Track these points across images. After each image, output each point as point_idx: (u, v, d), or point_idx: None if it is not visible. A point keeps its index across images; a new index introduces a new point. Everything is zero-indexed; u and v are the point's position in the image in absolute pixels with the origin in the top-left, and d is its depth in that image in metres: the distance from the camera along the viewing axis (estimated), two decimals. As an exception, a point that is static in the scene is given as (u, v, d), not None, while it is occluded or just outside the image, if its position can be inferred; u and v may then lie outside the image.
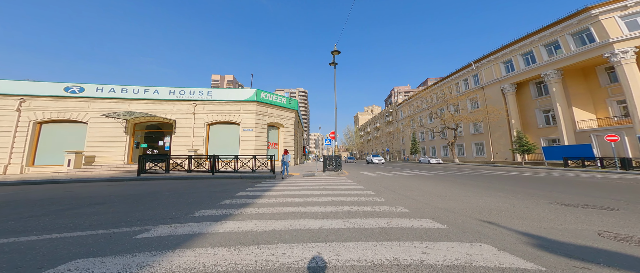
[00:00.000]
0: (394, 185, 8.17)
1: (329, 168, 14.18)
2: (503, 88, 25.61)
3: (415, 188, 7.16)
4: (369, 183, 8.88)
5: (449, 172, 13.36)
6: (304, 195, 6.07)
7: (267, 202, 5.26)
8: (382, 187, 7.74)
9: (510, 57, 25.11)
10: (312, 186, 8.03)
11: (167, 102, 15.56)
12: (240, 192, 6.73)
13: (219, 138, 17.04)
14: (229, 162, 11.51)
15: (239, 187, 8.11)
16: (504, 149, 25.49)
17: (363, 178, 10.52)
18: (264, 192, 6.59)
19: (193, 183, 8.86)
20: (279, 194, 6.30)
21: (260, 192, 6.73)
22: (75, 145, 13.79)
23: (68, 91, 13.92)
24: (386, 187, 7.56)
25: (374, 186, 7.92)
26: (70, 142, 13.96)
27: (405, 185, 8.12)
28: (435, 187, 7.48)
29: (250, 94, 17.84)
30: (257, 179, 10.62)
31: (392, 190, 6.99)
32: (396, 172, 14.01)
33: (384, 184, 8.35)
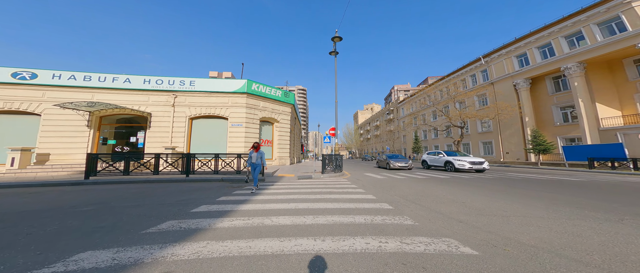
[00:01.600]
0: (411, 193, 6.26)
1: (328, 169, 12.25)
2: (516, 83, 23.78)
3: (445, 199, 5.25)
4: (378, 189, 6.97)
5: (461, 174, 11.49)
6: (293, 212, 4.13)
7: (232, 227, 3.31)
8: (398, 196, 5.82)
9: (524, 50, 23.25)
10: (307, 194, 6.10)
11: (140, 93, 13.50)
12: (204, 205, 4.77)
13: (204, 135, 15.03)
14: (209, 162, 9.53)
15: (211, 194, 6.17)
16: (515, 149, 23.70)
17: (368, 182, 8.62)
18: (238, 206, 4.65)
19: (153, 188, 6.89)
20: (257, 209, 4.35)
21: (234, 204, 4.79)
22: (25, 141, 11.74)
23: (16, 77, 11.81)
24: (404, 197, 5.64)
25: (386, 195, 6.00)
26: (20, 136, 11.88)
27: (426, 193, 6.21)
28: (470, 196, 5.58)
29: (240, 85, 15.83)
30: (240, 183, 8.68)
31: (415, 202, 5.07)
32: (405, 174, 12.12)
33: (398, 192, 6.43)
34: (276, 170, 13.13)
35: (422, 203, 4.93)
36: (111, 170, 8.12)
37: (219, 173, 9.58)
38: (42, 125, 12.12)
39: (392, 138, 58.80)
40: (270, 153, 18.17)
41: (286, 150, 18.86)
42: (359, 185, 8.07)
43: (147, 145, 13.20)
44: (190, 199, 5.40)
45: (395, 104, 59.27)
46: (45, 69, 12.19)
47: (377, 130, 74.14)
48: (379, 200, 5.39)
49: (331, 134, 14.52)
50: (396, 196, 5.90)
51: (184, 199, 5.41)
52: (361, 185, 7.92)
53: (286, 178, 10.23)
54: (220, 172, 9.60)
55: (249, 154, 6.96)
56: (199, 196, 5.86)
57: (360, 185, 8.04)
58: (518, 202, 4.99)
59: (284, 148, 18.70)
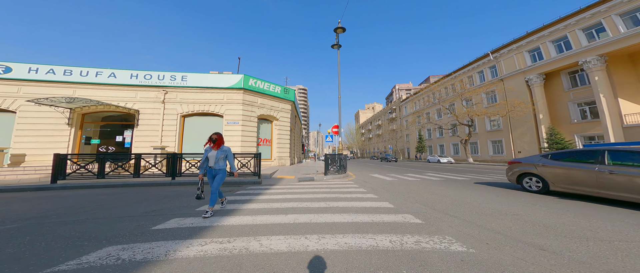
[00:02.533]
0: (435, 199, 5.13)
1: (332, 169, 11.13)
2: (528, 79, 22.56)
3: (486, 210, 4.11)
4: (393, 194, 5.85)
5: (483, 175, 10.33)
6: (291, 230, 3.01)
7: (199, 256, 2.20)
8: (421, 204, 4.70)
9: (537, 44, 22.03)
10: (308, 201, 4.99)
11: (127, 88, 12.46)
12: (176, 218, 3.67)
13: (197, 133, 13.97)
14: (198, 163, 8.44)
15: (194, 200, 5.09)
16: (528, 147, 22.47)
17: (378, 185, 7.50)
18: (220, 219, 3.54)
19: (127, 194, 5.82)
20: (244, 224, 3.26)
21: (215, 216, 3.69)
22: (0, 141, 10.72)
23: (-12, 70, 10.82)
24: (430, 206, 4.52)
25: (406, 202, 4.88)
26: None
27: (455, 200, 5.07)
28: (514, 204, 4.43)
29: (236, 80, 14.77)
30: (234, 186, 7.64)
31: (448, 213, 3.94)
32: (415, 175, 11.00)
33: (418, 198, 5.31)
34: (275, 172, 12.05)
35: (460, 215, 3.81)
36: (83, 173, 7.06)
37: (210, 175, 8.49)
38: (17, 124, 11.10)
39: (395, 137, 57.58)
40: (268, 153, 17.11)
41: (286, 149, 17.79)
42: (368, 188, 6.96)
43: (135, 145, 12.15)
44: (163, 210, 4.31)
45: (398, 103, 58.08)
46: (21, 62, 11.15)
47: (379, 129, 72.94)
48: (400, 210, 4.27)
49: (334, 131, 13.41)
50: (419, 204, 4.78)
51: (154, 209, 4.32)
52: (371, 189, 6.81)
53: (285, 181, 9.15)
54: (211, 174, 8.52)
55: (204, 153, 4.00)
56: (177, 204, 4.78)
57: (370, 188, 6.93)
58: (598, 218, 3.83)
59: (284, 147, 17.63)
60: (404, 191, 6.40)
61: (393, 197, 5.54)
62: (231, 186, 7.68)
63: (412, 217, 3.78)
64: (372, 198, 5.41)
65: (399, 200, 5.23)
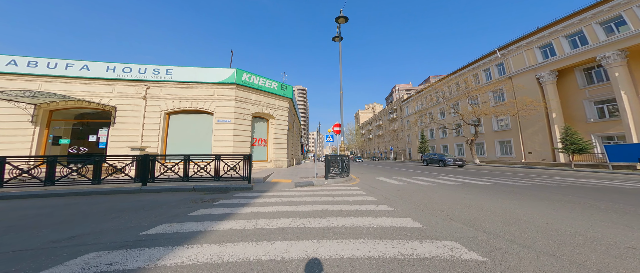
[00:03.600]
0: (473, 214, 3.82)
1: (333, 172, 9.81)
2: (540, 76, 21.37)
3: (561, 233, 2.81)
4: (411, 205, 4.56)
5: (502, 178, 9.00)
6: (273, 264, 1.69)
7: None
8: (457, 221, 3.38)
9: (549, 40, 20.88)
10: (306, 216, 3.70)
11: (102, 83, 11.11)
12: (93, 252, 2.33)
13: (184, 133, 12.64)
14: (174, 166, 7.12)
15: (156, 214, 3.85)
16: (540, 148, 21.24)
17: (389, 192, 6.19)
18: (174, 249, 2.21)
19: (71, 207, 4.48)
20: (205, 263, 1.94)
21: (171, 243, 2.36)
22: (-50, 139, 9.37)
23: (-64, 59, 9.45)
24: (473, 225, 3.20)
25: (434, 218, 3.56)
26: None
27: (501, 215, 3.76)
28: (581, 221, 3.14)
29: (227, 75, 13.46)
30: (219, 192, 6.37)
31: (510, 239, 2.62)
32: (426, 178, 9.68)
33: (447, 211, 4.00)
34: (270, 175, 10.74)
35: (536, 246, 2.49)
36: (26, 179, 5.71)
37: (191, 180, 7.18)
38: (-30, 121, 9.75)
39: (396, 138, 56.40)
40: (264, 154, 15.79)
41: (283, 150, 16.47)
42: (379, 196, 5.66)
43: (111, 146, 10.80)
44: (89, 236, 2.97)
45: (399, 102, 56.96)
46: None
47: (379, 129, 71.79)
48: (435, 232, 2.96)
49: (335, 131, 12.09)
50: (456, 222, 3.48)
51: (78, 235, 2.97)
52: (382, 198, 5.51)
53: (280, 186, 7.85)
54: (193, 178, 7.20)
55: None
56: (120, 224, 3.44)
57: (381, 197, 5.62)
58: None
59: (281, 148, 16.31)
60: (424, 201, 5.10)
61: (415, 210, 4.24)
62: (214, 193, 6.38)
63: (460, 247, 2.47)
64: (388, 212, 4.12)
65: (425, 215, 3.93)
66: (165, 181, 6.95)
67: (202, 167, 7.35)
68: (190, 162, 7.23)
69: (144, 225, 3.43)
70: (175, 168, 7.07)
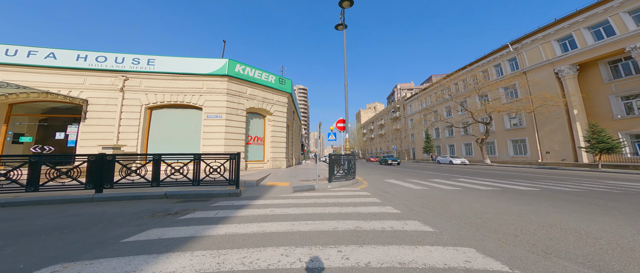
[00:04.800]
0: (558, 237, 2.29)
1: (338, 174, 8.36)
2: (559, 70, 19.82)
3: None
4: (452, 221, 3.09)
5: (535, 180, 7.46)
6: None
7: None
8: (546, 250, 1.91)
9: (569, 31, 19.31)
10: (306, 243, 2.22)
11: (72, 73, 9.67)
12: None
13: (168, 129, 11.21)
14: (141, 167, 5.67)
15: (69, 244, 2.28)
16: (560, 147, 19.70)
17: (409, 199, 4.71)
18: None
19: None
20: None
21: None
22: None
23: None
24: (569, 254, 1.74)
25: (498, 242, 2.08)
26: None
27: (585, 234, 2.28)
28: None
29: (218, 66, 12.02)
30: (198, 200, 4.97)
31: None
32: (445, 181, 8.19)
33: (520, 233, 2.46)
34: (266, 176, 9.30)
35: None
36: None
37: (163, 184, 5.75)
38: None
39: (399, 137, 54.90)
40: (260, 154, 14.35)
41: (282, 150, 15.03)
42: (400, 206, 4.21)
43: (81, 144, 9.38)
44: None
45: (402, 101, 55.42)
46: None
47: (381, 129, 70.29)
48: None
49: (339, 127, 10.60)
50: (555, 256, 1.99)
51: None
52: (406, 208, 4.07)
53: (276, 191, 6.44)
54: (165, 182, 5.77)
55: None
56: (29, 255, 1.99)
57: (403, 207, 4.16)
58: None
59: (279, 147, 14.87)
60: (468, 214, 3.62)
61: (468, 232, 2.78)
62: (191, 201, 4.97)
63: None
64: (427, 235, 2.69)
65: (492, 242, 2.47)
66: (130, 186, 5.52)
67: (178, 168, 5.91)
68: (162, 163, 5.80)
69: (18, 268, 1.99)
70: (143, 171, 5.63)
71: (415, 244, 2.56)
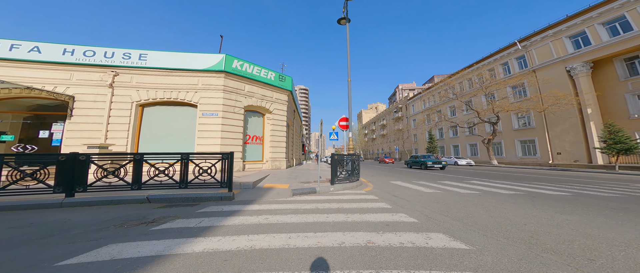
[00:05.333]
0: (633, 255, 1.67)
1: (341, 175, 7.69)
2: (571, 68, 19.02)
3: None
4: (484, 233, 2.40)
5: (565, 186, 6.68)
6: None
7: None
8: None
9: (581, 28, 18.51)
10: (303, 261, 1.57)
11: (57, 68, 9.09)
12: None
13: (161, 128, 10.60)
14: (119, 168, 5.04)
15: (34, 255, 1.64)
16: (572, 148, 18.88)
17: (425, 204, 4.00)
18: None
19: None
20: None
21: None
22: None
23: None
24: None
25: (570, 268, 1.41)
26: None
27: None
28: None
29: (215, 61, 11.42)
30: (185, 204, 4.36)
31: None
32: (457, 183, 7.46)
33: (590, 254, 1.85)
34: (264, 178, 8.66)
35: None
36: None
37: (146, 187, 5.11)
38: None
39: (402, 137, 54.10)
40: (259, 154, 13.72)
41: (281, 149, 14.39)
42: (415, 213, 3.53)
43: (67, 143, 8.79)
44: None
45: (405, 101, 54.65)
46: None
47: (383, 129, 69.50)
48: None
49: (342, 126, 9.92)
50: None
51: None
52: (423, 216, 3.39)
53: (274, 194, 5.81)
54: (148, 185, 5.13)
55: None
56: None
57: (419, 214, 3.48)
58: None
59: (279, 147, 14.23)
60: (503, 224, 2.92)
61: (511, 250, 2.10)
62: (177, 206, 4.35)
63: None
64: (460, 254, 2.03)
65: (553, 265, 1.78)
66: (107, 190, 4.89)
67: (163, 169, 5.28)
68: (145, 164, 5.16)
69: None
70: (122, 172, 5.00)
71: (452, 270, 1.89)
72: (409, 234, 2.86)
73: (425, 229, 3.06)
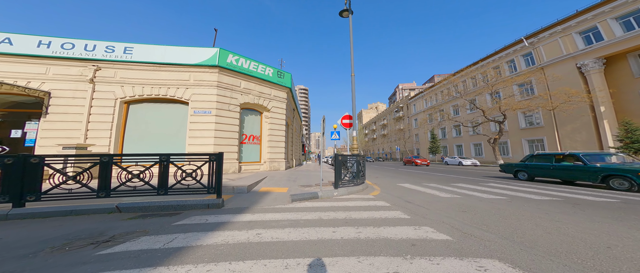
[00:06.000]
0: None
1: (346, 178, 6.88)
2: (582, 65, 18.25)
3: None
4: (559, 264, 1.59)
5: (595, 191, 5.88)
6: None
7: None
8: None
9: (593, 23, 17.75)
10: None
11: (32, 61, 8.24)
12: None
13: (149, 127, 9.76)
14: (82, 172, 4.20)
15: None
16: (584, 147, 18.08)
17: (448, 213, 3.15)
18: None
19: None
20: None
21: None
22: None
23: None
24: None
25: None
26: None
27: None
28: None
29: (208, 55, 10.61)
30: (163, 214, 3.51)
31: None
32: (471, 186, 6.65)
33: None
34: (261, 180, 7.83)
35: None
36: None
37: (116, 194, 4.29)
38: None
39: (403, 137, 53.32)
40: (257, 154, 12.90)
41: (280, 150, 13.57)
42: (439, 224, 2.73)
43: (41, 143, 7.96)
44: None
45: (406, 100, 53.91)
46: None
47: (384, 129, 68.75)
48: None
49: (345, 124, 9.09)
50: None
51: None
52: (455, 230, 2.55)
53: (270, 199, 5.01)
54: (118, 191, 4.30)
55: None
56: None
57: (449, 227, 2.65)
58: None
59: (277, 147, 13.42)
60: (577, 246, 2.08)
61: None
62: (154, 217, 3.52)
63: None
64: None
65: None
66: (68, 198, 4.06)
67: (137, 173, 4.45)
68: (114, 167, 4.33)
69: None
70: (86, 177, 4.17)
71: None
72: (451, 261, 2.06)
73: (469, 252, 2.24)
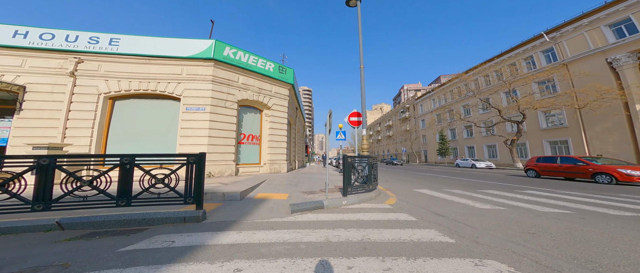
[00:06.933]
0: None
1: (356, 183, 5.75)
2: (613, 60, 16.62)
3: None
4: None
5: None
6: None
7: None
8: None
9: (625, 15, 16.16)
10: None
11: (7, 52, 7.40)
12: None
13: (136, 125, 8.86)
14: (12, 178, 3.19)
15: None
16: (616, 150, 16.42)
17: (508, 235, 2.00)
18: None
19: None
20: None
21: None
22: None
23: None
24: None
25: None
26: None
27: None
28: None
29: (202, 48, 9.68)
30: (123, 231, 2.36)
31: None
32: (505, 193, 5.36)
33: None
34: (259, 185, 6.78)
35: None
36: None
37: (59, 204, 3.28)
38: None
39: (409, 138, 51.69)
40: (256, 156, 11.89)
41: (282, 151, 12.54)
42: (507, 255, 1.53)
43: (14, 142, 7.13)
44: None
45: (412, 101, 52.33)
46: None
47: (389, 130, 67.19)
48: None
49: (352, 122, 7.93)
50: None
51: None
52: (543, 269, 1.39)
53: (266, 209, 3.94)
54: (62, 201, 3.30)
55: None
56: None
57: (514, 255, 1.48)
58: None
59: (279, 148, 12.39)
60: None
61: None
62: (106, 236, 2.44)
63: None
64: None
65: None
66: (14, 210, 3.08)
67: (90, 180, 3.43)
68: (56, 171, 3.34)
69: None
70: (17, 185, 3.18)
71: None
72: None
73: None
